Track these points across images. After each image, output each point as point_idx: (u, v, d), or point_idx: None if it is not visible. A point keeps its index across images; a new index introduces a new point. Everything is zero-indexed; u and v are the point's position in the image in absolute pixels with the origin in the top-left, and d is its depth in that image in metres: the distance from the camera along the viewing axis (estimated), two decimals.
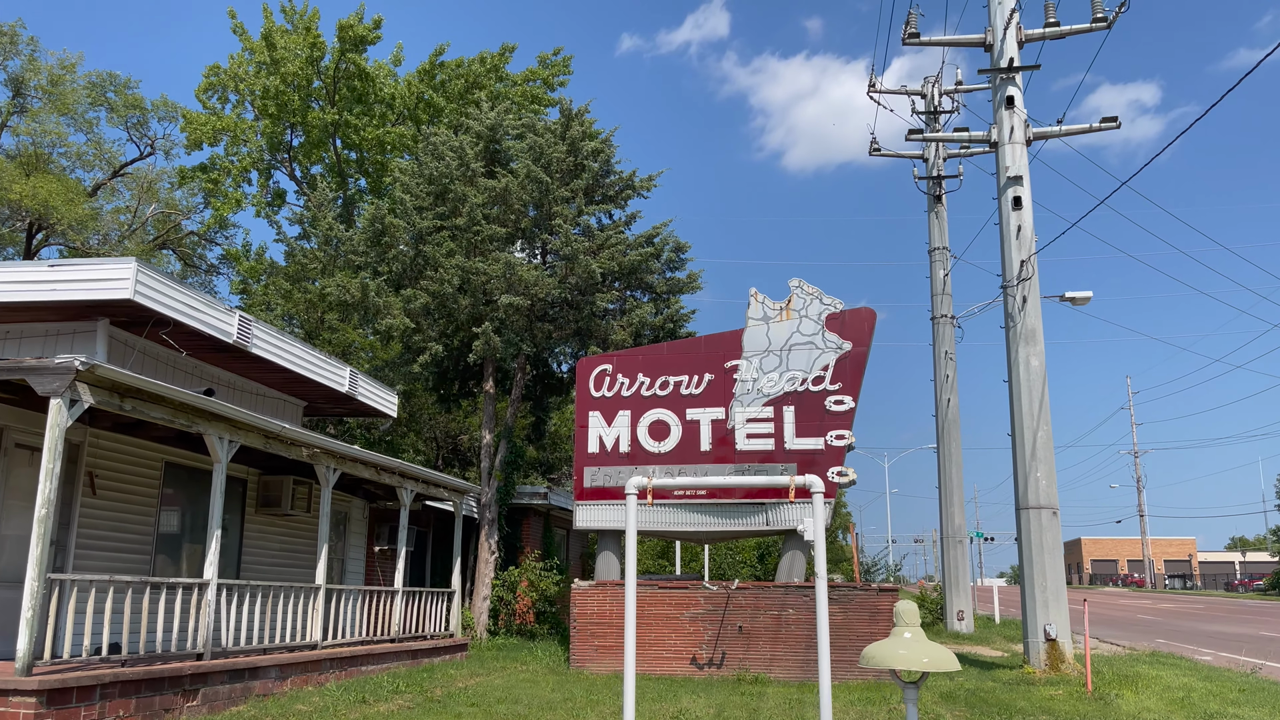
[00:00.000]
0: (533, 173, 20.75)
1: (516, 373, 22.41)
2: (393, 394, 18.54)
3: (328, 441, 13.64)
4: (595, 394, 19.57)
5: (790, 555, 18.75)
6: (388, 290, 21.22)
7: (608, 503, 19.12)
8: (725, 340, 19.44)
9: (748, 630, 18.07)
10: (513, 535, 22.99)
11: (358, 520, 19.10)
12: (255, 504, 15.68)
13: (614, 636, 18.43)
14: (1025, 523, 18.75)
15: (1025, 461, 18.94)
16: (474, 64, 37.77)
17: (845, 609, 17.90)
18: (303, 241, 35.06)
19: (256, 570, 15.46)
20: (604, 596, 18.66)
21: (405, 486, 16.57)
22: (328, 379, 15.95)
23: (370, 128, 37.32)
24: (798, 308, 19.32)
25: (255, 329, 13.79)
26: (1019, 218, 19.87)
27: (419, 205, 21.92)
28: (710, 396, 19.25)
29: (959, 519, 29.54)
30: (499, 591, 21.52)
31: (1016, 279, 19.62)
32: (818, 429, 18.73)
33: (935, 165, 31.67)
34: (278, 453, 12.83)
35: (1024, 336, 19.43)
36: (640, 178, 22.29)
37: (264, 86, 37.05)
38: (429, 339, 21.31)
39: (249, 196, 38.22)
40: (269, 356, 14.21)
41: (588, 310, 20.81)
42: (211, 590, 11.36)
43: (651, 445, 19.20)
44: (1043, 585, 18.36)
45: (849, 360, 18.93)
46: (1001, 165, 20.24)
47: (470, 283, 20.54)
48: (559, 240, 20.12)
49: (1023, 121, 20.28)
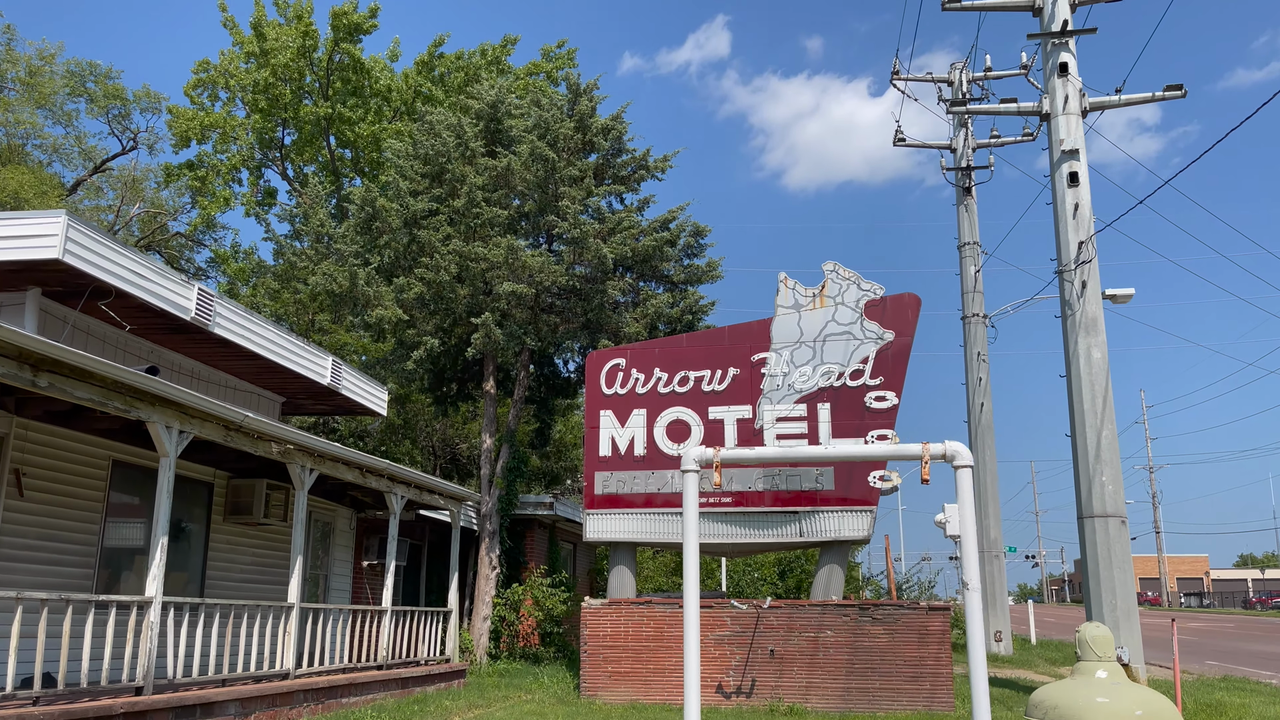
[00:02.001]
0: (537, 150, 18.88)
1: (519, 371, 20.47)
2: (382, 389, 16.59)
3: (303, 436, 11.70)
4: (607, 391, 17.63)
5: (828, 570, 16.75)
6: (378, 280, 19.31)
7: (621, 511, 17.14)
8: (752, 331, 17.52)
9: (780, 654, 16.06)
10: (515, 549, 21.00)
11: (343, 532, 17.14)
12: (223, 512, 13.73)
13: (629, 661, 16.42)
14: (1090, 533, 16.77)
15: (1088, 464, 16.98)
16: (474, 56, 36.06)
17: (891, 630, 15.90)
18: (294, 241, 33.20)
19: (224, 588, 13.49)
20: (618, 616, 16.66)
21: (395, 492, 14.62)
22: (307, 369, 14.03)
23: (365, 123, 35.55)
24: (833, 294, 17.40)
25: (219, 305, 11.87)
26: (1075, 195, 17.99)
27: (414, 189, 20.05)
28: (735, 393, 17.31)
29: (995, 532, 27.52)
30: (500, 611, 19.51)
31: (1074, 262, 17.72)
32: (857, 428, 16.77)
33: (964, 156, 29.84)
34: (241, 448, 10.89)
35: (1084, 326, 17.51)
36: (655, 158, 20.42)
37: (254, 80, 35.30)
38: (424, 333, 19.38)
39: (238, 196, 36.42)
40: (236, 339, 12.29)
41: (597, 301, 18.89)
42: (155, 610, 9.40)
43: (670, 447, 17.24)
44: (1111, 603, 16.36)
45: (891, 351, 16.99)
46: (1055, 138, 18.38)
47: (469, 270, 18.64)
48: (567, 222, 18.22)
49: (1078, 90, 18.43)
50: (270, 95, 35.44)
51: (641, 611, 16.55)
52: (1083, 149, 18.23)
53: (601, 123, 20.14)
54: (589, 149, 20.14)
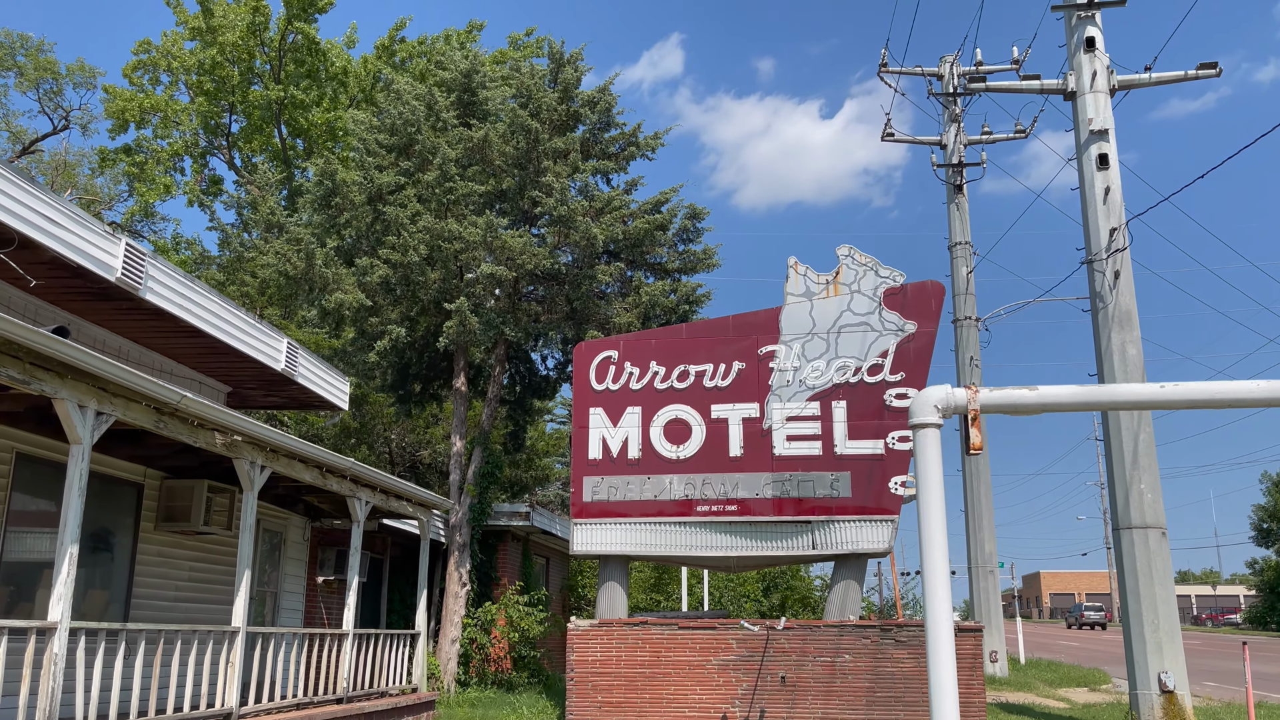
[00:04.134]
0: (518, 119, 17.01)
1: (495, 366, 18.51)
2: (343, 380, 14.55)
3: (253, 425, 9.69)
4: (598, 386, 15.78)
5: (844, 586, 15.03)
6: (338, 261, 17.26)
7: (614, 521, 15.28)
8: (758, 321, 15.80)
9: (793, 682, 14.30)
10: (487, 563, 18.99)
11: (296, 543, 15.04)
12: (155, 518, 11.61)
13: (622, 690, 14.54)
14: (1128, 546, 15.27)
15: (1125, 471, 15.50)
16: (437, 41, 34.08)
17: (917, 654, 14.21)
18: (243, 232, 30.87)
19: (154, 609, 11.37)
20: (609, 639, 14.77)
21: (359, 497, 12.61)
22: (258, 351, 11.98)
23: (320, 109, 33.35)
24: (847, 281, 15.76)
25: (152, 266, 9.82)
26: (1105, 178, 16.60)
27: (379, 163, 18.05)
28: (740, 390, 15.57)
29: (989, 545, 26.08)
30: (471, 632, 17.49)
31: (1106, 250, 16.30)
32: (875, 429, 15.13)
33: (955, 152, 28.54)
34: (177, 437, 8.86)
35: (1117, 320, 16.08)
36: (645, 135, 18.66)
37: (199, 61, 32.95)
38: (388, 321, 17.36)
39: (180, 184, 33.92)
40: (173, 309, 10.24)
41: (585, 288, 17.04)
42: (59, 638, 7.35)
43: (668, 450, 15.45)
44: (1153, 623, 14.86)
45: (913, 345, 15.38)
46: (1081, 118, 16.99)
47: (441, 251, 16.68)
48: (553, 199, 16.35)
49: (1105, 67, 17.07)
50: (217, 77, 33.12)
51: (636, 634, 14.69)
52: (1112, 129, 16.86)
53: (588, 94, 18.35)
54: (574, 122, 18.33)
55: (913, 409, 4.99)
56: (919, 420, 4.93)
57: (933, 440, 4.80)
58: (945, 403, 4.72)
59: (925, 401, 4.81)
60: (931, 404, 4.73)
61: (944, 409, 4.79)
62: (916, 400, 4.95)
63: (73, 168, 33.79)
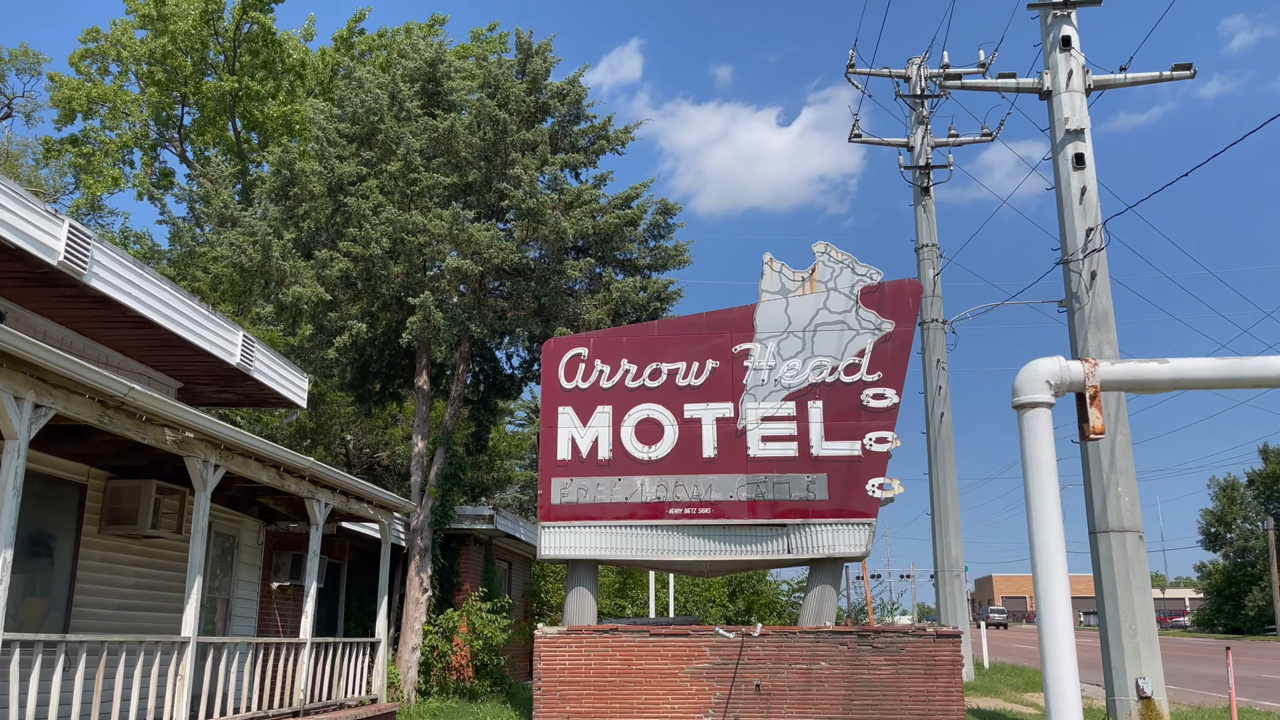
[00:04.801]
0: (486, 109, 16.46)
1: (459, 364, 17.91)
2: (302, 376, 13.88)
3: (207, 421, 9.07)
4: (567, 385, 15.28)
5: (819, 591, 14.66)
6: (296, 254, 16.57)
7: (583, 524, 14.77)
8: (733, 318, 15.41)
9: (768, 690, 13.89)
10: (448, 568, 18.37)
11: (250, 548, 14.34)
12: (99, 521, 10.89)
13: (591, 700, 14.03)
14: (1105, 550, 15.08)
15: (1102, 474, 15.32)
16: (398, 34, 33.33)
17: (894, 660, 13.88)
18: (195, 226, 29.89)
19: (98, 618, 10.66)
20: (578, 647, 14.25)
21: (318, 498, 11.98)
22: (211, 344, 11.32)
23: (276, 102, 32.44)
24: (824, 278, 15.42)
25: (98, 250, 9.15)
26: (1081, 178, 16.45)
27: (340, 154, 17.39)
28: (714, 389, 15.15)
29: (955, 550, 25.94)
30: (433, 640, 16.87)
31: (1082, 251, 16.14)
32: (853, 430, 14.79)
33: (922, 154, 28.42)
34: (124, 433, 8.22)
35: (1093, 321, 15.92)
36: (615, 129, 18.18)
37: (150, 50, 31.89)
38: (348, 316, 16.69)
39: (129, 177, 32.82)
40: (121, 297, 9.57)
41: (553, 283, 16.52)
42: None
43: (639, 450, 14.99)
44: (1130, 628, 14.68)
45: (890, 344, 15.08)
46: (1057, 117, 16.84)
47: (405, 244, 16.07)
48: (521, 191, 15.81)
49: (1081, 67, 16.94)
50: (168, 67, 32.07)
51: (606, 641, 14.20)
52: (1088, 128, 16.73)
53: (556, 86, 17.83)
54: (543, 114, 17.80)
55: (1018, 386, 4.47)
56: (1027, 399, 4.39)
57: (1043, 423, 4.31)
58: (1058, 378, 4.19)
59: (1034, 377, 4.24)
60: (1042, 379, 4.17)
61: (1057, 385, 4.27)
62: (1024, 376, 4.41)
63: (16, 158, 32.56)
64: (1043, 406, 4.31)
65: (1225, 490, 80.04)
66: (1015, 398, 4.37)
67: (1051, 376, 4.17)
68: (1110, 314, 16.01)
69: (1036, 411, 4.32)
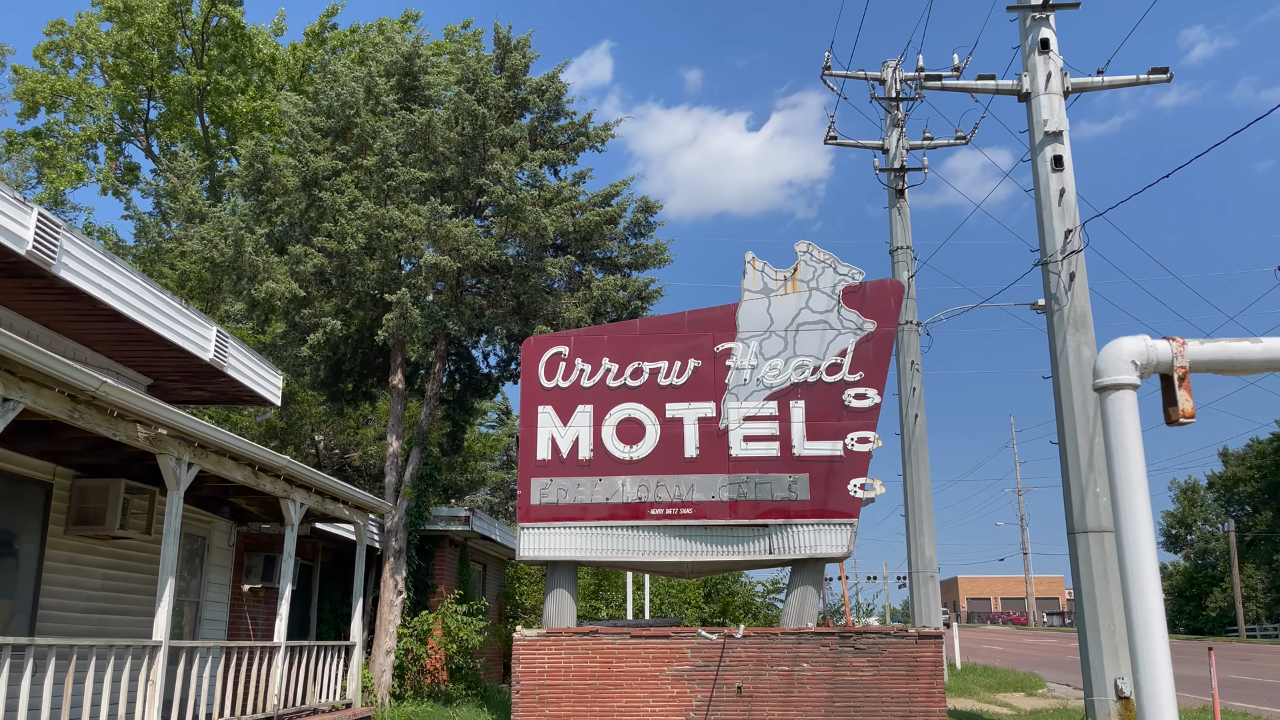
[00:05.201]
0: (464, 104, 16.21)
1: (435, 363, 17.63)
2: (276, 373, 13.57)
3: (181, 418, 8.78)
4: (547, 384, 15.07)
5: (801, 592, 14.56)
6: (269, 249, 16.23)
7: (563, 525, 14.58)
8: (715, 317, 15.28)
9: (749, 692, 13.76)
10: (423, 570, 18.07)
11: (221, 549, 13.99)
12: (65, 521, 10.55)
13: (571, 703, 13.83)
14: (1084, 551, 15.09)
15: (1080, 475, 15.35)
16: (370, 30, 32.94)
17: (876, 662, 13.81)
18: (162, 222, 29.33)
19: (64, 620, 10.31)
20: (557, 650, 14.05)
21: (294, 498, 11.69)
22: (184, 339, 11.00)
23: (245, 97, 31.91)
24: (806, 278, 15.34)
25: (68, 240, 8.84)
26: (1060, 180, 16.49)
27: (314, 148, 17.07)
28: (696, 388, 15.02)
29: (930, 550, 25.97)
30: (407, 643, 16.58)
31: (1061, 252, 16.17)
32: (835, 430, 14.72)
33: (897, 156, 28.48)
34: (94, 429, 7.93)
35: (1072, 322, 15.95)
36: (595, 126, 18.00)
37: (116, 43, 31.27)
38: (322, 313, 16.37)
39: (94, 171, 32.15)
40: (91, 289, 9.25)
41: (532, 281, 16.30)
42: None
43: (620, 450, 14.82)
44: (1109, 628, 14.70)
45: (872, 344, 15.03)
46: (1036, 119, 16.87)
47: (381, 240, 15.78)
48: (501, 187, 15.59)
49: (1059, 69, 16.99)
50: (135, 60, 31.47)
51: (586, 643, 14.00)
52: (1066, 130, 16.77)
53: (536, 81, 17.62)
54: (522, 110, 17.58)
55: (1100, 366, 4.27)
56: (1110, 380, 4.18)
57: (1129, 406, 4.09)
58: (1145, 358, 3.99)
59: (1118, 357, 4.01)
60: (1127, 359, 3.95)
61: (1143, 366, 4.08)
62: (1107, 356, 4.19)
63: None
64: (1128, 388, 4.13)
65: (1186, 493, 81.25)
66: (1097, 379, 4.19)
67: (1137, 356, 3.98)
68: (1089, 315, 16.06)
69: (1121, 394, 4.13)
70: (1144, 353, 4.01)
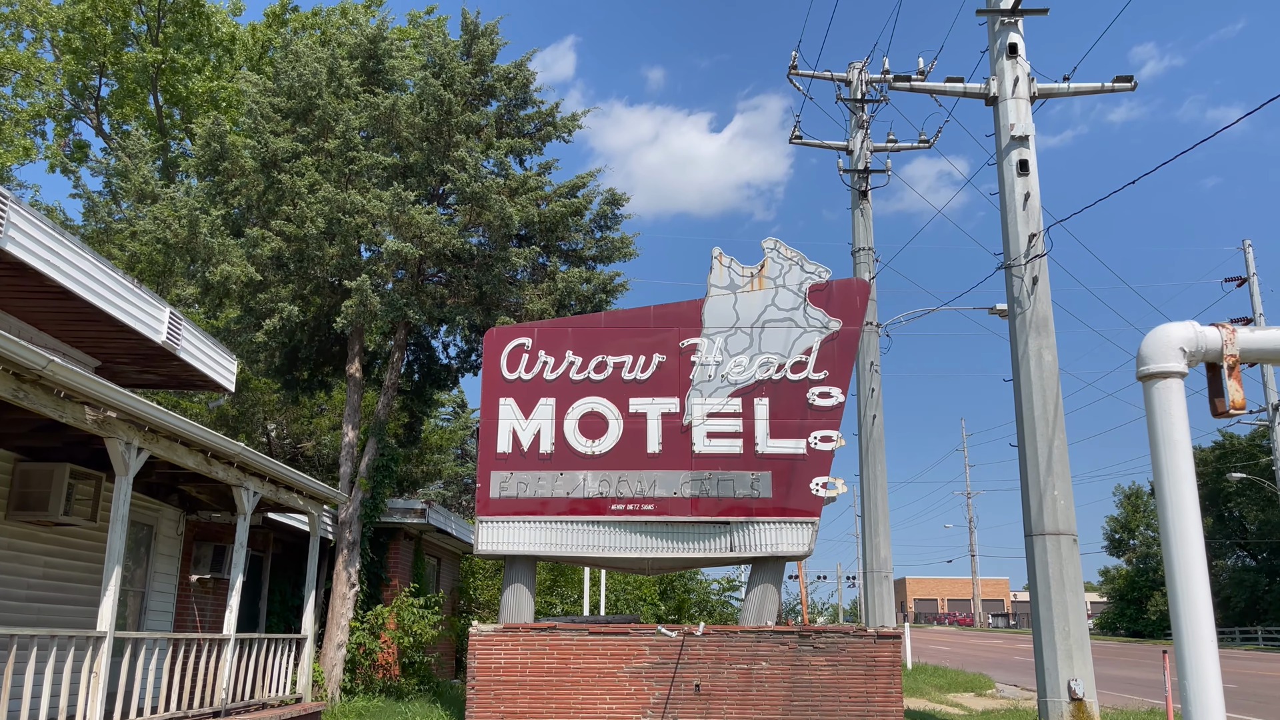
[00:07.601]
0: (430, 88, 15.92)
1: (394, 352, 17.31)
2: (230, 358, 13.19)
3: (131, 400, 8.46)
4: (509, 376, 14.84)
5: (761, 590, 14.49)
6: (224, 231, 15.81)
7: (523, 519, 14.37)
8: (681, 312, 15.16)
9: (707, 690, 13.66)
10: (377, 563, 17.75)
11: (168, 538, 13.59)
12: (7, 506, 10.15)
13: (528, 699, 13.64)
14: (1040, 553, 15.20)
15: (1039, 477, 15.46)
16: (333, 14, 32.37)
17: (835, 661, 13.79)
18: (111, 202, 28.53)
19: (2, 609, 9.91)
20: (515, 645, 13.85)
21: (247, 486, 11.36)
22: (136, 319, 10.63)
23: (202, 77, 31.20)
24: (773, 275, 15.28)
25: (15, 213, 8.46)
26: (1025, 184, 16.60)
27: (274, 130, 16.66)
28: (660, 384, 14.88)
29: (885, 550, 26.08)
30: (360, 637, 16.26)
31: (1024, 256, 16.28)
32: (798, 428, 14.67)
33: (861, 158, 28.57)
34: (39, 409, 7.59)
35: (1034, 325, 16.07)
36: (563, 116, 17.78)
37: (68, 16, 30.39)
38: (279, 298, 15.98)
39: (41, 148, 31.22)
40: (37, 264, 8.87)
41: (496, 271, 16.06)
42: None
43: (583, 444, 14.64)
44: (1064, 630, 14.82)
45: (837, 343, 15.01)
46: (1003, 124, 16.96)
47: (341, 225, 15.44)
48: (466, 174, 15.32)
49: (1026, 74, 17.10)
50: (87, 35, 30.61)
51: (544, 639, 13.81)
52: (1032, 135, 16.89)
53: (503, 68, 17.36)
54: (488, 97, 17.31)
55: (1146, 353, 4.09)
56: (1156, 368, 3.98)
57: (1176, 395, 3.90)
58: (1193, 345, 3.81)
59: (1165, 343, 3.79)
60: (1175, 345, 3.75)
61: (1191, 353, 3.91)
62: (1152, 342, 4.01)
63: None
64: (1175, 376, 3.97)
65: (1130, 498, 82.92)
66: (1142, 366, 4.01)
67: (1186, 343, 3.81)
68: (1050, 319, 16.18)
69: (1168, 382, 3.96)
70: (1193, 339, 3.87)
